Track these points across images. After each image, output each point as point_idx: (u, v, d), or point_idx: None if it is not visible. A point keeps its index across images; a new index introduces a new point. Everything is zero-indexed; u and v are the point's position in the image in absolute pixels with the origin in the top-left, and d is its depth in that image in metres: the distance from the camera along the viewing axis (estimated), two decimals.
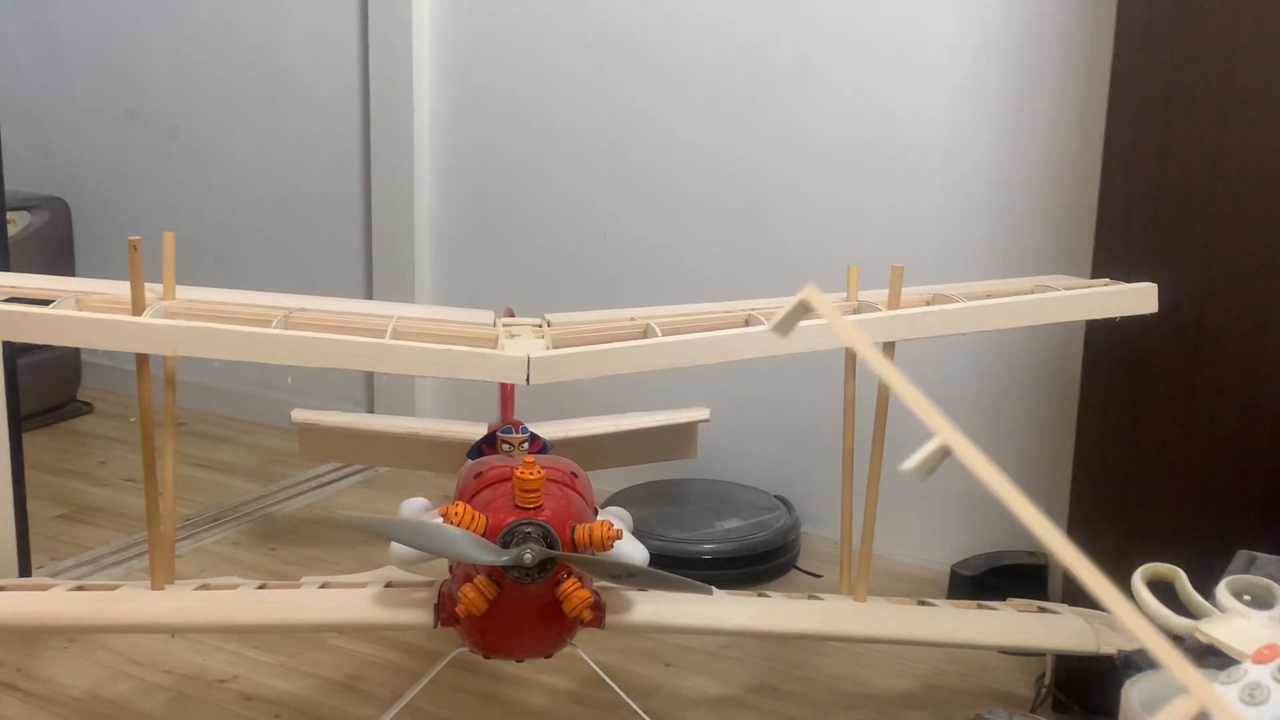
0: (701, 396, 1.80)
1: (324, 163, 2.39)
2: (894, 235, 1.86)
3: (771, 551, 1.83)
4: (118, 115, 2.63)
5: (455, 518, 1.00)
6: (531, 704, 1.45)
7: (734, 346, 1.12)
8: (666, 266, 2.06)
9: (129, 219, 2.61)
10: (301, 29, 2.37)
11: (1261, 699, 0.69)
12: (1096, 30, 1.67)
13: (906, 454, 0.46)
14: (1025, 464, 1.82)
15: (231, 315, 1.10)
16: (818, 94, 1.90)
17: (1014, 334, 1.76)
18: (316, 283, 2.37)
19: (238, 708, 1.42)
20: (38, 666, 1.50)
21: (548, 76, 2.12)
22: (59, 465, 2.24)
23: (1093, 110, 1.64)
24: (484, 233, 2.24)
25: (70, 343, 1.09)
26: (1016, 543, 1.83)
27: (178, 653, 1.53)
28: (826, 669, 1.54)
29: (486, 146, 2.20)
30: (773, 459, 2.01)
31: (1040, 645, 1.28)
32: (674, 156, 2.03)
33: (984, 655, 1.56)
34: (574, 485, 1.10)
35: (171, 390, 1.14)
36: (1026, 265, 1.75)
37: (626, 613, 1.14)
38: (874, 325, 1.17)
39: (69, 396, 2.54)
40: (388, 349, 1.05)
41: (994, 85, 1.77)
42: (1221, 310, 1.33)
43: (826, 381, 1.41)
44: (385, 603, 1.13)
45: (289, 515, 2.04)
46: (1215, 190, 1.31)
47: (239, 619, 1.16)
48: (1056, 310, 1.26)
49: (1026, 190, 1.78)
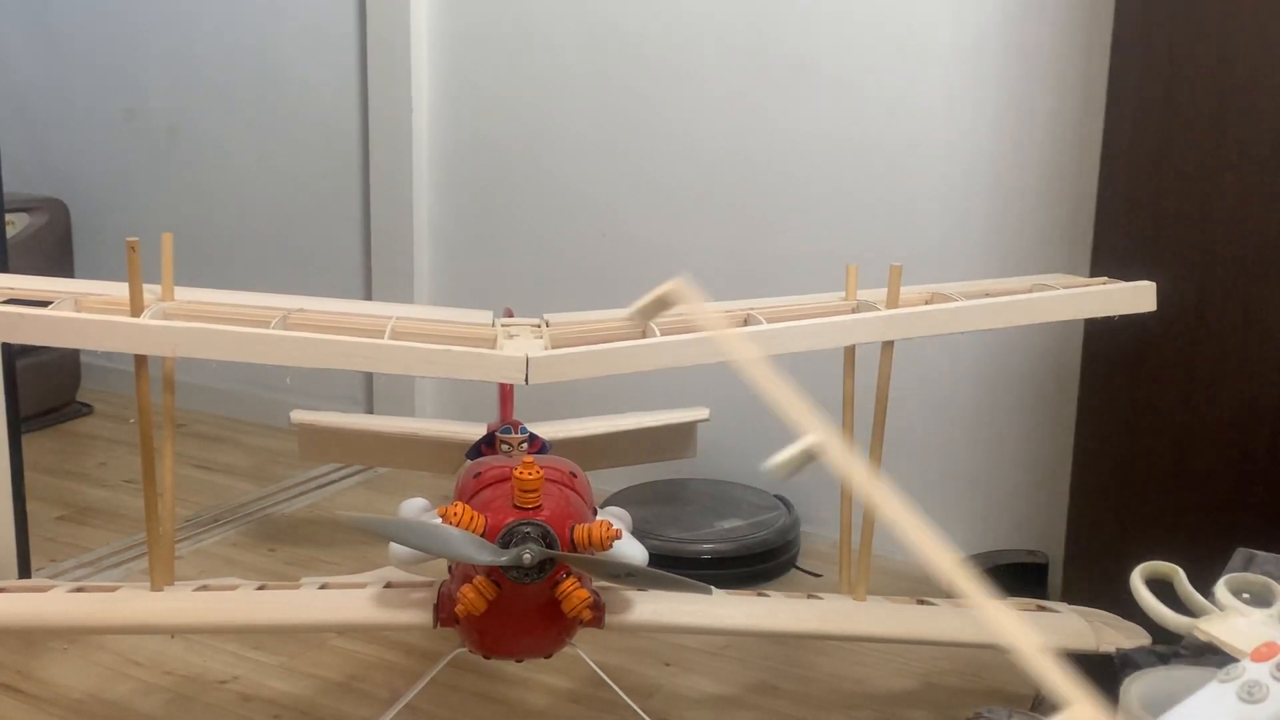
0: (701, 396, 1.80)
1: (323, 163, 2.39)
2: (893, 234, 1.86)
3: (771, 551, 1.83)
4: (116, 116, 2.63)
5: (454, 518, 1.00)
6: (531, 704, 1.45)
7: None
8: (665, 266, 2.05)
9: (127, 220, 2.61)
10: (300, 29, 2.37)
11: (1260, 697, 0.69)
12: (1094, 29, 1.67)
13: (907, 454, 0.45)
14: (1024, 462, 1.82)
15: (230, 316, 1.10)
16: (817, 92, 1.90)
17: (1012, 332, 1.76)
18: (315, 283, 2.37)
19: (237, 708, 1.42)
20: (37, 668, 1.50)
21: (547, 76, 2.12)
22: (58, 467, 2.24)
23: (1091, 109, 1.64)
24: (483, 233, 2.24)
25: (69, 344, 1.09)
26: (1016, 542, 1.83)
27: (177, 654, 1.53)
28: (826, 668, 1.54)
29: (485, 146, 2.20)
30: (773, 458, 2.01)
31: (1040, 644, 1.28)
32: (673, 155, 2.03)
33: (983, 654, 1.56)
34: (573, 485, 1.10)
35: (170, 391, 1.14)
36: (1025, 264, 1.76)
37: (626, 612, 1.14)
38: (872, 324, 1.17)
39: (68, 398, 2.53)
40: (387, 349, 1.05)
41: (992, 83, 1.77)
42: (1220, 308, 1.33)
43: (825, 380, 1.41)
44: (385, 603, 1.13)
45: (288, 516, 2.04)
46: (1213, 189, 1.31)
47: (238, 620, 1.16)
48: (1055, 309, 1.26)
49: (1025, 189, 1.78)
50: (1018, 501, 1.84)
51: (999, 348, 1.82)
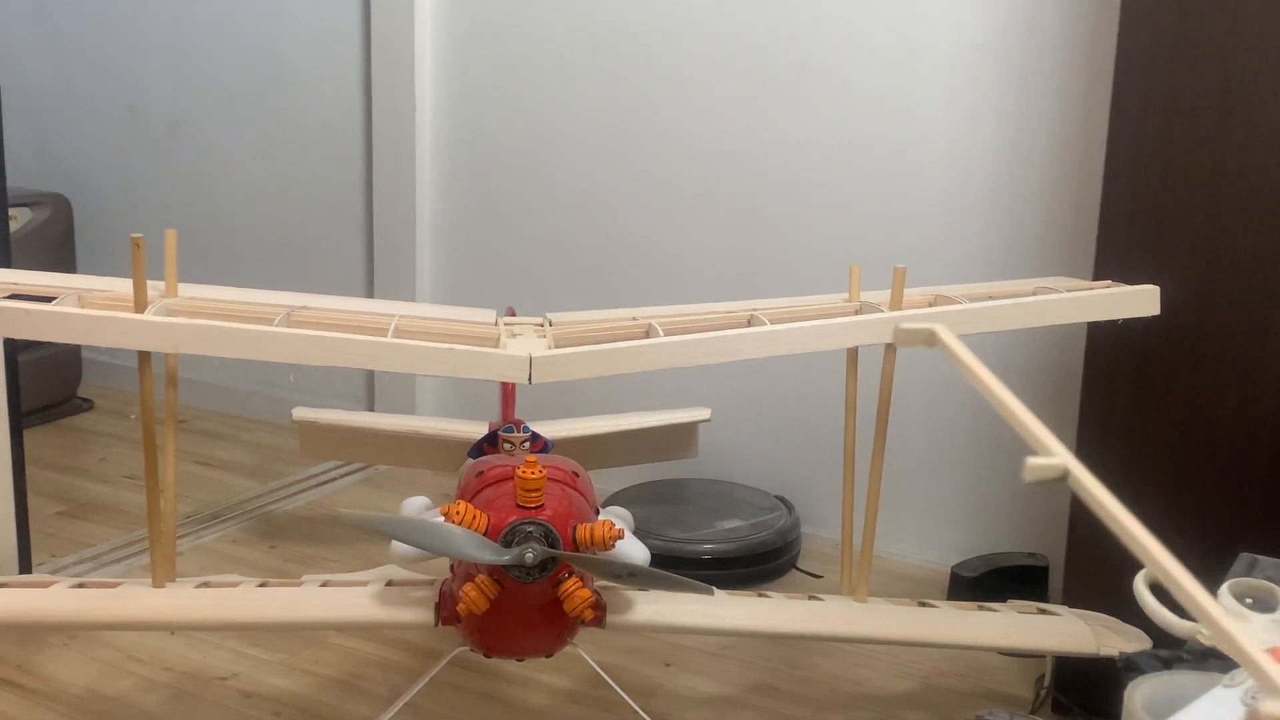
0: (703, 396, 1.80)
1: (326, 161, 2.39)
2: (896, 236, 1.86)
3: (772, 552, 1.83)
4: (119, 112, 2.63)
5: (457, 517, 1.00)
6: (532, 703, 1.45)
7: (735, 347, 1.12)
8: (668, 266, 2.06)
9: (130, 216, 2.61)
10: (303, 27, 2.37)
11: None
12: (1099, 32, 1.67)
13: (907, 454, 0.45)
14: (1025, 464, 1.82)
15: (233, 313, 1.10)
16: (820, 95, 1.90)
17: (1015, 335, 1.76)
18: (318, 281, 2.37)
19: (237, 705, 1.42)
20: (38, 664, 1.50)
21: (550, 76, 2.12)
22: (60, 462, 2.24)
23: (1095, 112, 1.64)
24: (486, 232, 2.24)
25: (73, 340, 1.09)
26: (1017, 544, 1.83)
27: (178, 650, 1.53)
28: (826, 669, 1.54)
29: (488, 146, 2.20)
30: (773, 459, 2.01)
31: (1040, 647, 1.28)
32: (676, 156, 2.03)
33: (984, 656, 1.56)
34: (575, 485, 1.10)
35: (173, 388, 1.14)
36: (1028, 267, 1.75)
37: (627, 612, 1.14)
38: (876, 326, 1.17)
39: (70, 393, 2.54)
40: (389, 347, 1.05)
41: (996, 86, 1.77)
42: (1223, 313, 1.33)
43: (828, 382, 1.41)
44: (386, 601, 1.13)
45: (290, 513, 2.04)
46: (1217, 193, 1.31)
47: (239, 617, 1.16)
48: (1058, 312, 1.26)
49: (1029, 192, 1.77)
50: (1019, 504, 1.84)
51: (1002, 350, 1.82)
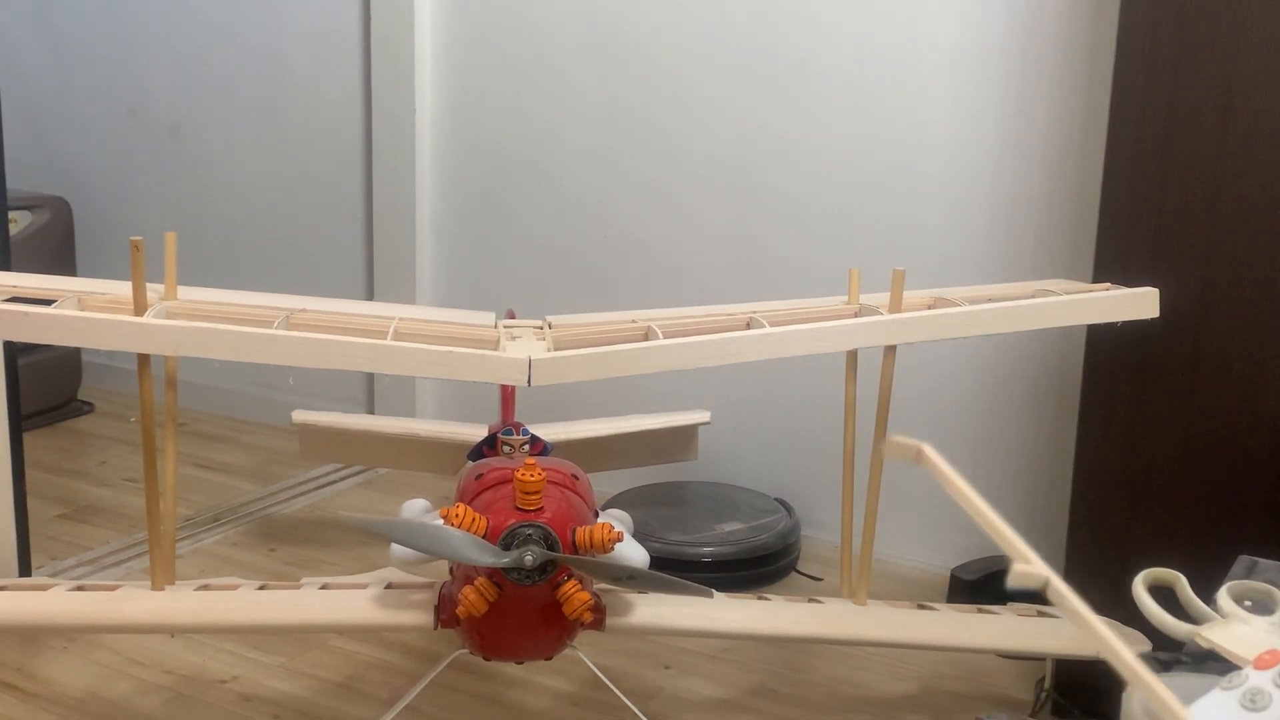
0: (702, 399, 1.80)
1: (325, 163, 2.39)
2: (895, 238, 1.86)
3: (772, 554, 1.83)
4: (119, 115, 2.63)
5: (456, 519, 1.00)
6: (531, 706, 1.44)
7: (735, 349, 1.12)
8: (669, 269, 2.06)
9: (130, 219, 2.61)
10: (303, 28, 2.37)
11: (1263, 705, 0.69)
12: (1098, 35, 1.67)
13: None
14: (1026, 468, 1.82)
15: (233, 316, 1.10)
16: (820, 97, 1.90)
17: (1015, 338, 1.76)
18: (317, 283, 2.37)
19: (237, 708, 1.42)
20: (37, 666, 1.50)
21: (550, 78, 2.12)
22: (59, 465, 2.24)
23: (1094, 115, 1.64)
24: (485, 234, 2.24)
25: (72, 343, 1.09)
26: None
27: (177, 653, 1.53)
28: (826, 672, 1.54)
29: (488, 148, 2.20)
30: (773, 462, 2.01)
31: (1040, 650, 1.28)
32: (676, 158, 2.03)
33: (984, 659, 1.56)
34: (575, 487, 1.10)
35: (173, 390, 1.14)
36: (1028, 269, 1.75)
37: (627, 615, 1.14)
38: (875, 328, 1.17)
39: (69, 396, 2.53)
40: (389, 350, 1.05)
41: (996, 88, 1.77)
42: (1223, 315, 1.33)
43: (827, 385, 1.41)
44: (385, 604, 1.13)
45: (289, 516, 2.04)
46: (1217, 195, 1.31)
47: (239, 620, 1.16)
48: (1058, 314, 1.26)
49: (1028, 194, 1.78)
50: (1018, 506, 1.84)
51: (1001, 353, 1.82)
